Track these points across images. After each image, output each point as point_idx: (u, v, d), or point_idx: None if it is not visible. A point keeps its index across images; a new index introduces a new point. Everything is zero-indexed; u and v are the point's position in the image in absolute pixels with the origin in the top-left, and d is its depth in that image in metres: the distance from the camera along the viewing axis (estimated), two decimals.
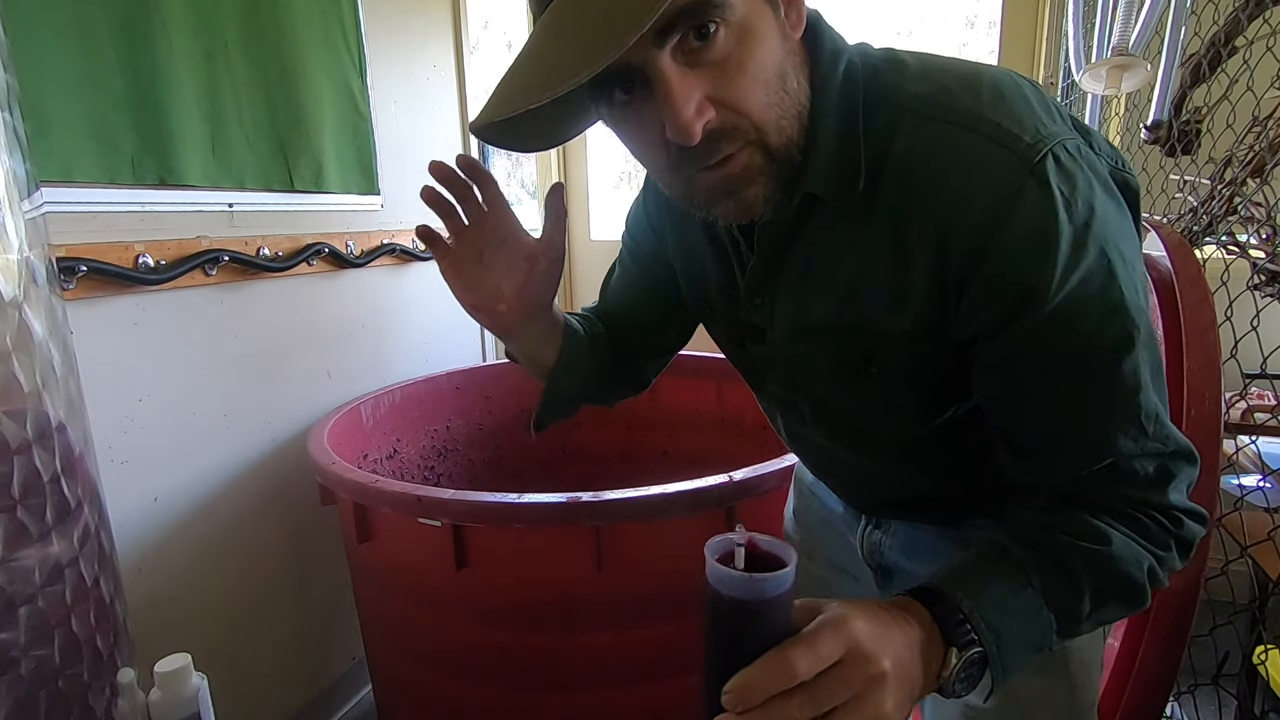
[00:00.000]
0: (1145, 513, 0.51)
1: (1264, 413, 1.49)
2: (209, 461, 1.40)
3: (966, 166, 0.48)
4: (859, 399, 0.61)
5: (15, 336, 0.47)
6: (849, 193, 0.52)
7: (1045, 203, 0.46)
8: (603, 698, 1.22)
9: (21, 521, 0.47)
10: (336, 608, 1.68)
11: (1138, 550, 0.50)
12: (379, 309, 1.85)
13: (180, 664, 0.64)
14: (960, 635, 0.47)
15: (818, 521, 0.84)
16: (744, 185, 0.50)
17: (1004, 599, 0.49)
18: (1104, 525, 0.51)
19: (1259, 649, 1.18)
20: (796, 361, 0.62)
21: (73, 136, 1.10)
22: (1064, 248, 0.46)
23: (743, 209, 0.51)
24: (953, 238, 0.49)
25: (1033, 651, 0.49)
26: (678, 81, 0.45)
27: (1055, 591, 0.50)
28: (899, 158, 0.51)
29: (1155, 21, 1.35)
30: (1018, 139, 0.47)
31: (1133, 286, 0.48)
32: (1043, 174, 0.46)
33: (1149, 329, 0.49)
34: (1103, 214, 0.48)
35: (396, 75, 1.86)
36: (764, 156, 0.49)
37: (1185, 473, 0.52)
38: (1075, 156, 0.48)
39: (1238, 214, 1.28)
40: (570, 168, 2.52)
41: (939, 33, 2.30)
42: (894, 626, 0.45)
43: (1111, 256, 0.47)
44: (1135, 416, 0.49)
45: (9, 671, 0.46)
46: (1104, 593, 0.50)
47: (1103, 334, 0.48)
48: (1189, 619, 1.02)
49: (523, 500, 1.10)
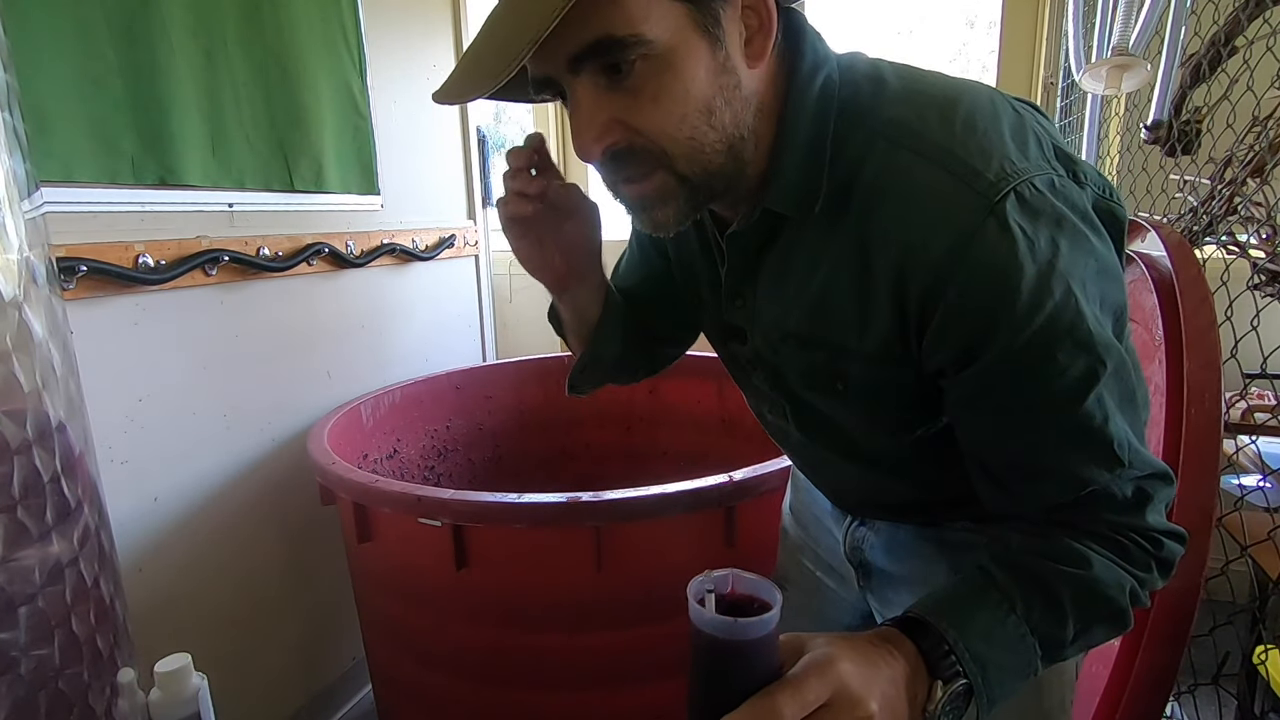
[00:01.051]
0: (1125, 535, 0.51)
1: (1264, 413, 1.49)
2: (209, 461, 1.40)
3: (928, 202, 0.48)
4: (831, 410, 0.61)
5: (15, 336, 0.47)
6: (808, 213, 0.53)
7: (1005, 244, 0.45)
8: (603, 698, 1.22)
9: (21, 521, 0.47)
10: (336, 608, 1.68)
11: (1119, 573, 0.50)
12: (379, 309, 1.85)
13: (180, 664, 0.64)
14: (945, 668, 0.47)
15: (810, 517, 0.85)
16: (654, 205, 0.51)
17: (989, 629, 0.49)
18: (1085, 549, 0.51)
19: (1259, 649, 1.18)
20: (777, 363, 0.63)
21: (73, 136, 1.10)
22: (1025, 289, 0.45)
23: (656, 225, 0.53)
24: (912, 273, 0.49)
25: (1019, 679, 0.50)
26: (586, 104, 0.47)
27: (1040, 618, 0.50)
28: (865, 184, 0.51)
29: (1155, 21, 1.35)
30: (979, 176, 0.47)
31: (1098, 321, 0.48)
32: (1002, 214, 0.46)
33: (1119, 359, 0.49)
34: (1068, 251, 0.47)
35: (396, 75, 1.86)
36: (676, 181, 0.50)
37: (1162, 494, 0.52)
38: (1043, 192, 0.47)
39: (1238, 214, 1.28)
40: (570, 168, 2.52)
41: (939, 33, 2.30)
42: (880, 664, 0.45)
43: (1077, 294, 0.47)
44: (1107, 447, 0.49)
45: (9, 671, 0.46)
46: (1087, 617, 0.50)
47: (1067, 372, 0.47)
48: (1189, 619, 1.02)
49: (523, 500, 1.10)
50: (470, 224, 2.21)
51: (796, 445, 0.74)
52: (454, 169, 2.14)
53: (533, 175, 0.62)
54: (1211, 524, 1.01)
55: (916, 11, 2.29)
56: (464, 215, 2.20)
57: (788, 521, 0.90)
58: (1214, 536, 1.03)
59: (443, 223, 2.08)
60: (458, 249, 2.12)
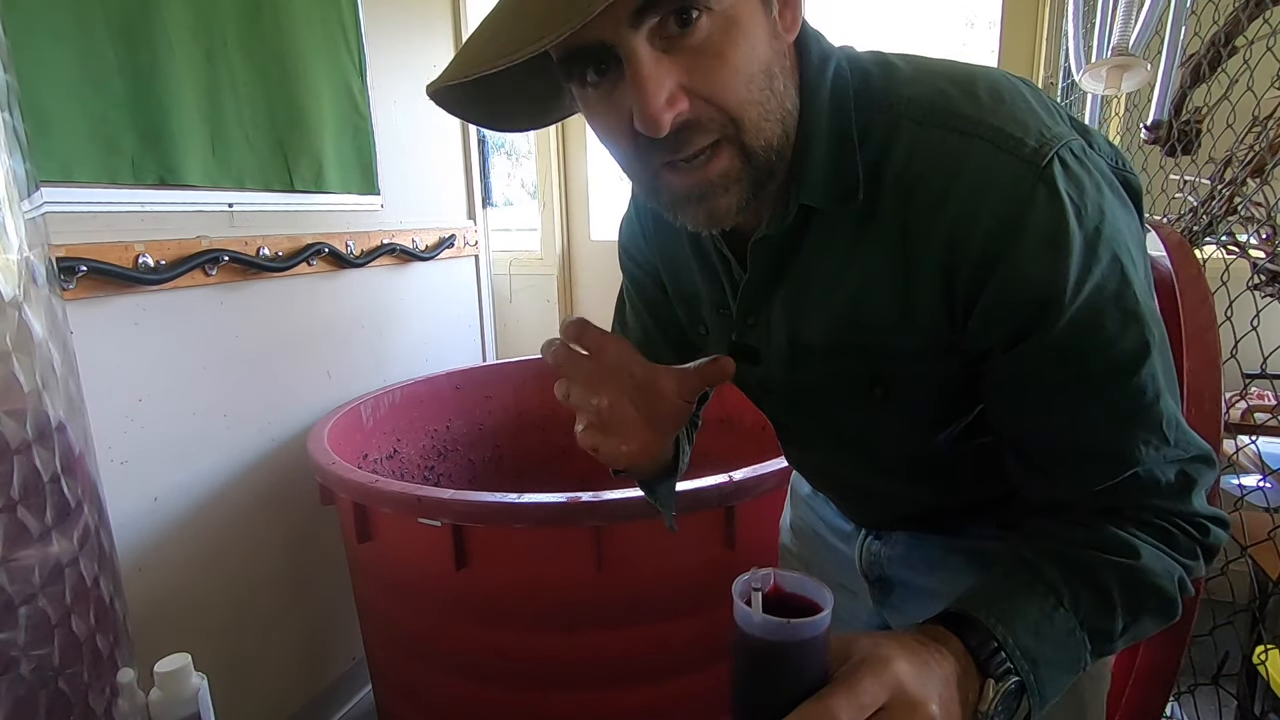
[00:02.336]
0: (1171, 522, 0.49)
1: (1264, 413, 1.49)
2: (209, 461, 1.40)
3: (972, 176, 0.46)
4: (862, 420, 0.59)
5: (15, 336, 0.47)
6: (847, 204, 0.50)
7: (1056, 210, 0.44)
8: (603, 698, 1.22)
9: (21, 521, 0.47)
10: (336, 608, 1.68)
11: (1168, 562, 0.48)
12: (379, 309, 1.85)
13: (180, 664, 0.64)
14: (996, 665, 0.45)
15: (814, 535, 0.82)
16: (718, 192, 0.47)
17: (1038, 624, 0.47)
18: (1132, 538, 0.49)
19: (1259, 649, 1.18)
20: (795, 384, 0.60)
21: (73, 136, 1.10)
22: (1077, 255, 0.45)
23: (713, 218, 0.48)
24: (962, 251, 0.47)
25: (1069, 675, 0.48)
26: (651, 66, 0.42)
27: (1088, 611, 0.48)
28: (898, 168, 0.49)
29: (1155, 21, 1.35)
30: (1022, 144, 0.45)
31: (1146, 291, 0.47)
32: (1051, 180, 0.45)
33: (1163, 333, 0.48)
34: (1112, 218, 0.46)
35: (396, 75, 1.86)
36: (741, 160, 0.46)
37: (1206, 478, 0.50)
38: (1081, 159, 0.46)
39: (1238, 214, 1.28)
40: (570, 167, 2.52)
41: (939, 33, 2.30)
42: (934, 666, 0.43)
43: (1124, 261, 0.46)
44: (1157, 425, 0.48)
45: (9, 671, 0.46)
46: (1137, 608, 0.49)
47: (1119, 342, 0.46)
48: (1189, 619, 1.02)
49: (523, 500, 1.10)
50: (470, 224, 2.21)
51: (814, 465, 0.71)
52: (454, 169, 2.14)
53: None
54: None
55: (916, 11, 2.29)
56: (464, 215, 2.20)
57: (787, 539, 0.87)
58: None
59: (443, 223, 2.08)
60: (458, 249, 2.12)
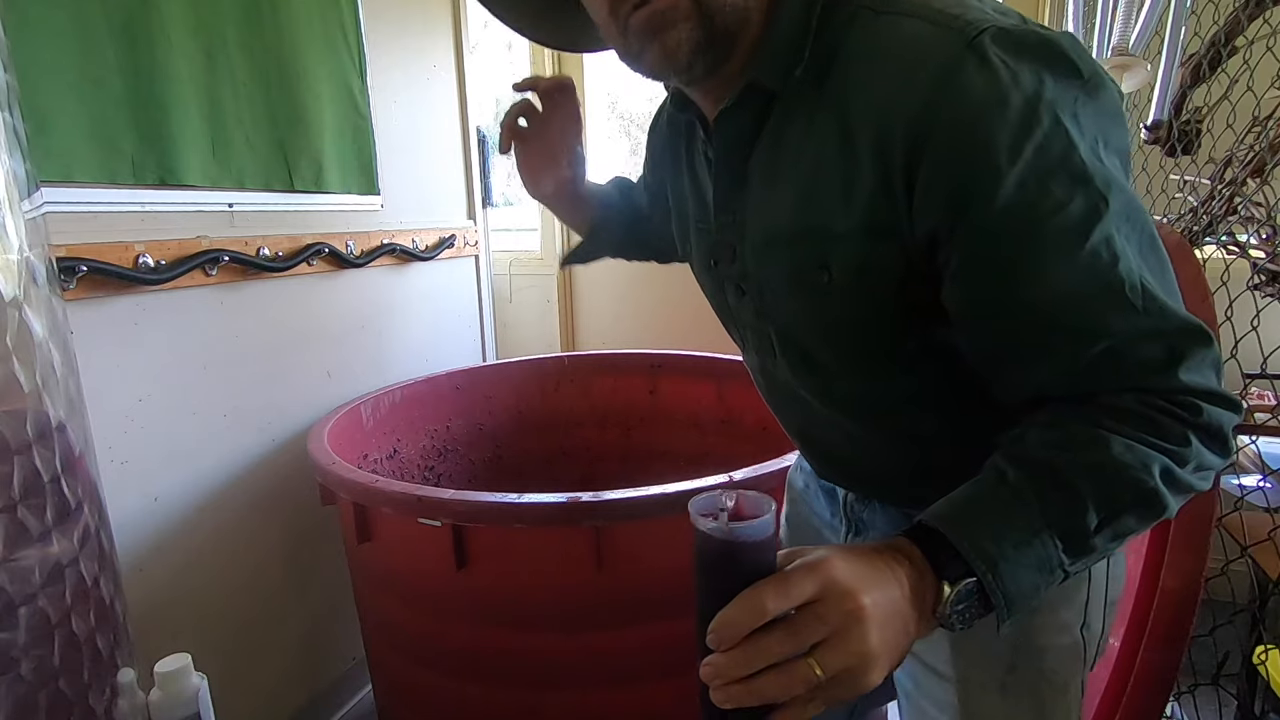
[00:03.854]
0: (1156, 405, 0.47)
1: (1264, 413, 1.49)
2: (209, 461, 1.40)
3: (902, 49, 0.48)
4: (819, 322, 0.59)
5: (15, 336, 0.47)
6: (790, 80, 0.53)
7: (987, 77, 0.44)
8: (603, 698, 1.22)
9: (21, 521, 0.47)
10: (336, 608, 1.68)
11: (1143, 453, 0.46)
12: (379, 309, 1.85)
13: (180, 664, 0.64)
14: (953, 568, 0.45)
15: (808, 528, 0.84)
16: (667, 25, 0.51)
17: (997, 525, 0.46)
18: (1103, 432, 0.47)
19: (1259, 649, 1.18)
20: (763, 277, 0.61)
21: (73, 136, 1.10)
22: (1012, 119, 0.44)
23: (667, 52, 0.52)
24: (894, 122, 0.47)
25: (1039, 574, 0.46)
26: None
27: (1055, 510, 0.46)
28: (849, 50, 0.51)
29: (1155, 21, 1.35)
30: (956, 18, 0.46)
31: (1096, 155, 0.46)
32: (981, 48, 0.45)
33: (1127, 200, 0.46)
34: (1054, 83, 0.45)
35: (396, 75, 1.86)
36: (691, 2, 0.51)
37: (1197, 352, 0.47)
38: (1023, 31, 0.46)
39: (1238, 214, 1.28)
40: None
41: None
42: (880, 566, 0.44)
43: (1068, 124, 0.45)
44: (1119, 290, 0.46)
45: (9, 671, 0.46)
46: (1111, 504, 0.47)
47: (1068, 206, 0.45)
48: (1189, 619, 1.02)
49: (523, 500, 1.10)
50: (470, 224, 2.21)
51: (785, 396, 0.71)
52: (454, 169, 2.14)
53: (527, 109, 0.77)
54: (1211, 524, 1.01)
55: None
56: (464, 215, 2.20)
57: (782, 533, 0.89)
58: (1214, 536, 1.03)
59: (443, 223, 2.08)
60: (458, 249, 2.12)
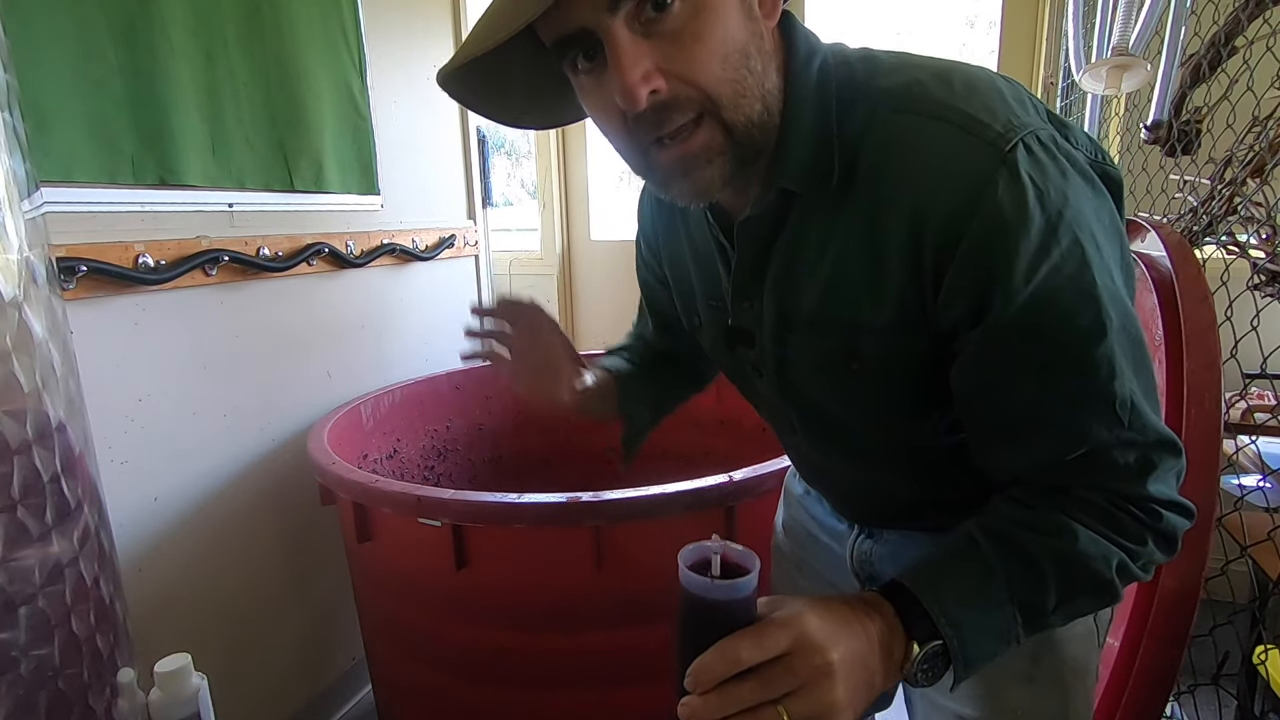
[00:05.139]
0: (1122, 506, 0.51)
1: (1264, 413, 1.49)
2: (209, 461, 1.40)
3: (938, 155, 0.48)
4: (843, 400, 0.61)
5: (15, 336, 0.47)
6: (823, 187, 0.53)
7: (1017, 193, 0.46)
8: (603, 698, 1.22)
9: (21, 521, 0.47)
10: (336, 608, 1.68)
11: (1105, 547, 0.51)
12: (379, 309, 1.85)
13: (180, 664, 0.64)
14: (922, 629, 0.48)
15: (806, 534, 0.83)
16: (700, 165, 0.50)
17: (966, 593, 0.50)
18: (1072, 522, 0.51)
19: (1259, 649, 1.18)
20: (784, 361, 0.62)
21: (73, 136, 1.10)
22: (1035, 236, 0.46)
23: (698, 189, 0.51)
24: (926, 226, 0.49)
25: (998, 642, 0.50)
26: (628, 47, 0.46)
27: (1019, 586, 0.50)
28: (871, 152, 0.51)
29: (1155, 21, 1.35)
30: (988, 127, 0.48)
31: (1107, 273, 0.48)
32: (1014, 163, 0.47)
33: (1127, 317, 0.49)
34: (1076, 203, 0.48)
35: (396, 75, 1.86)
36: (723, 134, 0.49)
37: (1167, 464, 0.52)
38: (1049, 146, 0.48)
39: (1238, 214, 1.28)
40: (570, 168, 2.52)
41: (939, 33, 2.30)
42: (852, 621, 0.47)
43: (1085, 244, 0.47)
44: (1109, 404, 0.49)
45: (9, 671, 0.46)
46: (1070, 588, 0.51)
47: (1074, 321, 0.48)
48: (1189, 619, 1.02)
49: (523, 500, 1.10)
50: (470, 224, 2.21)
51: (804, 454, 0.73)
52: (454, 169, 2.14)
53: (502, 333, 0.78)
54: (1211, 524, 1.01)
55: (916, 11, 2.29)
56: (464, 215, 2.20)
57: (780, 539, 0.88)
58: (1214, 537, 1.03)
59: (443, 223, 2.08)
60: (458, 249, 2.12)
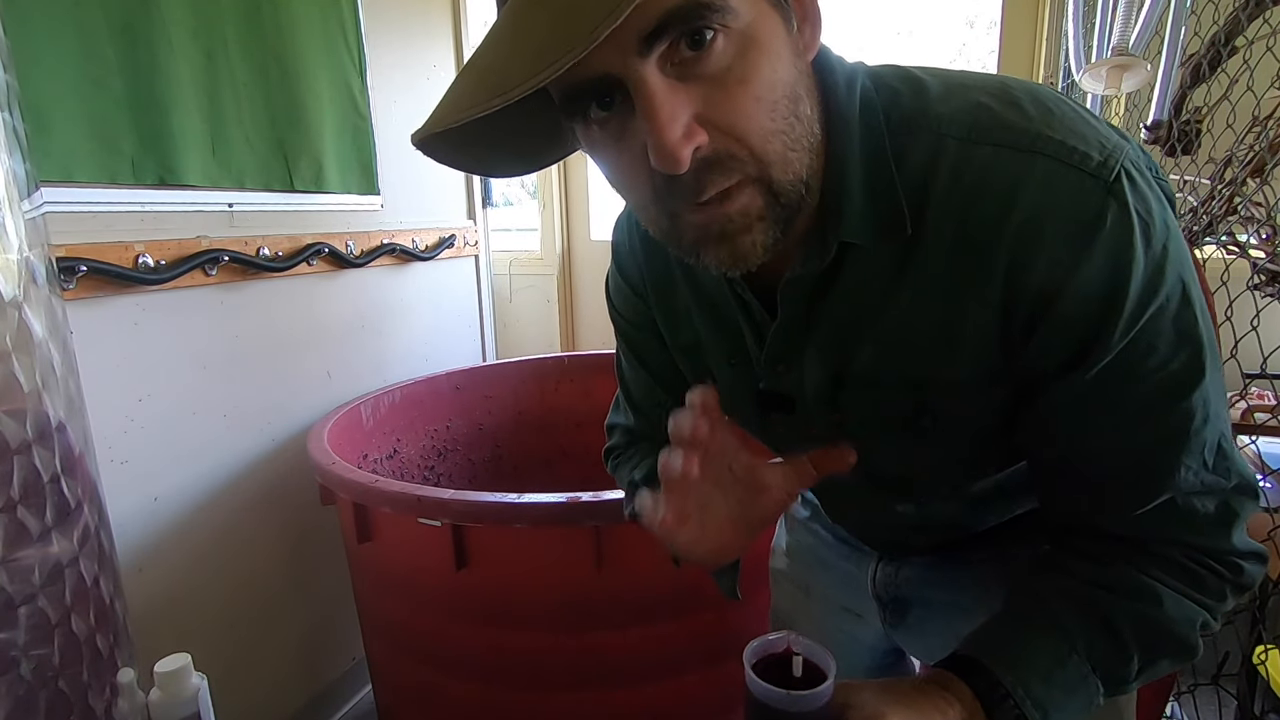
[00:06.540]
0: (1203, 562, 0.47)
1: (1264, 413, 1.49)
2: (209, 461, 1.40)
3: (1036, 196, 0.42)
4: (909, 455, 0.55)
5: (15, 336, 0.47)
6: (894, 238, 0.46)
7: (1126, 228, 0.42)
8: (603, 698, 1.22)
9: (21, 521, 0.47)
10: (336, 608, 1.68)
11: (1190, 609, 0.47)
12: (379, 309, 1.85)
13: (180, 664, 0.63)
14: (1004, 712, 0.45)
15: (815, 559, 0.78)
16: (739, 231, 0.42)
17: (1049, 670, 0.46)
18: (1155, 583, 0.47)
19: (1259, 649, 1.18)
20: (837, 425, 0.55)
21: (73, 136, 1.10)
22: (1143, 276, 0.42)
23: (737, 258, 0.43)
24: (1026, 273, 0.43)
25: (1082, 712, 0.47)
26: (664, 95, 0.38)
27: (1102, 657, 0.47)
28: (945, 191, 0.44)
29: (1155, 21, 1.34)
30: (1088, 157, 0.42)
31: (1202, 308, 0.44)
32: (1122, 196, 0.41)
33: (1216, 355, 0.45)
34: (1176, 235, 0.44)
35: (396, 75, 1.86)
36: (766, 197, 0.41)
37: (1248, 510, 0.47)
38: (1142, 170, 0.44)
39: (1238, 214, 1.28)
40: (570, 168, 2.51)
41: (939, 33, 2.30)
42: (933, 714, 0.44)
43: (1187, 281, 0.44)
44: (1199, 450, 0.45)
45: (9, 671, 0.46)
46: (1153, 654, 0.48)
47: (1171, 364, 0.44)
48: None
49: (523, 500, 1.10)
50: (470, 224, 2.21)
51: (836, 500, 0.69)
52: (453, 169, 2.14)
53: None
54: None
55: (916, 11, 2.29)
56: (464, 215, 2.20)
57: (782, 564, 0.83)
58: None
59: (443, 223, 2.08)
60: (458, 249, 2.12)
